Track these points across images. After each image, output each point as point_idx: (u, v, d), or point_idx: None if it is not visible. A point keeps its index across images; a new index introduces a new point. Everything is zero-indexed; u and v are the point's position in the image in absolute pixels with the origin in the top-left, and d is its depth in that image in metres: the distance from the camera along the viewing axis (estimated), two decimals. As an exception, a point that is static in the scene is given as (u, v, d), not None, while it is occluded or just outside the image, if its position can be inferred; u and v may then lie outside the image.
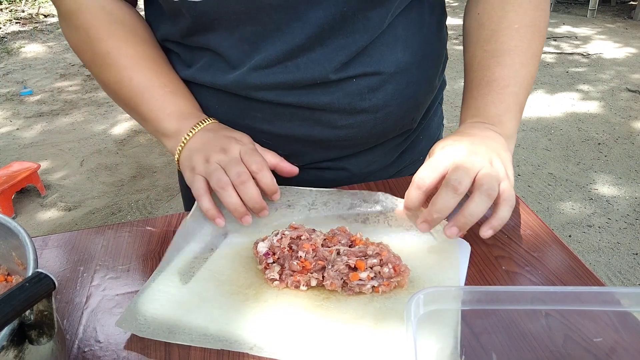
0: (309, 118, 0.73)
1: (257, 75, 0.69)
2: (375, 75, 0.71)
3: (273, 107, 0.72)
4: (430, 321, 0.46)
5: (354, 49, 0.68)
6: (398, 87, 0.72)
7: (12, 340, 0.35)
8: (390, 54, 0.71)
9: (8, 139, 3.58)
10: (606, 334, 0.49)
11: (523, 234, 0.65)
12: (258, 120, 0.74)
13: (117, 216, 2.65)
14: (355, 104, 0.72)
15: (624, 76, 4.18)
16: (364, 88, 0.71)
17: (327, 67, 0.68)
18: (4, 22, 6.83)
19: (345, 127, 0.74)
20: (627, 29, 5.46)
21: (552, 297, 0.46)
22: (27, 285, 0.34)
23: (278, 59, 0.67)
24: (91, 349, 0.52)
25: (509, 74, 0.67)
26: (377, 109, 0.72)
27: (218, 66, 0.72)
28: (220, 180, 0.63)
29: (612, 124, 3.38)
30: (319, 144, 0.76)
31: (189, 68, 0.75)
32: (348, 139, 0.75)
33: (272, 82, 0.69)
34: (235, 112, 0.74)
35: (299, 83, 0.69)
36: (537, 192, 2.66)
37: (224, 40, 0.69)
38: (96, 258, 0.66)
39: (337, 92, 0.70)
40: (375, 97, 0.72)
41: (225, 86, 0.72)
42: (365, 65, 0.70)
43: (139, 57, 0.72)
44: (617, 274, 2.10)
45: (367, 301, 0.55)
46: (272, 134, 0.75)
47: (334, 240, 0.60)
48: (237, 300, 0.55)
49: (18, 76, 4.90)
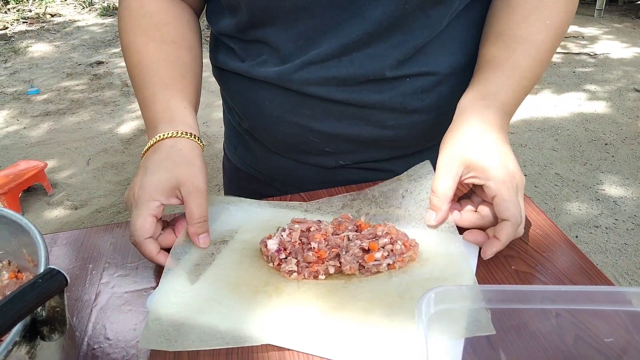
0: (358, 116, 0.72)
1: (310, 69, 0.68)
2: (430, 76, 0.70)
3: (323, 103, 0.71)
4: (441, 320, 0.46)
5: (411, 47, 0.67)
6: (452, 89, 0.71)
7: (24, 336, 0.35)
8: (446, 55, 0.70)
9: (15, 138, 3.60)
10: (617, 334, 0.48)
11: (532, 234, 0.64)
12: (307, 117, 0.73)
13: (123, 215, 2.66)
14: (407, 103, 0.71)
15: (632, 76, 4.15)
16: (418, 88, 0.70)
17: (382, 64, 0.67)
18: (11, 21, 6.86)
19: (395, 127, 0.73)
20: (635, 29, 5.42)
21: (563, 297, 0.46)
22: (40, 282, 0.34)
23: (333, 54, 0.67)
24: (100, 346, 0.52)
25: (531, 67, 0.66)
26: (429, 111, 0.70)
27: (272, 60, 0.71)
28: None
29: (619, 124, 3.36)
30: (367, 144, 0.76)
31: (243, 62, 0.74)
32: (397, 139, 0.74)
33: (325, 76, 0.68)
34: (286, 108, 0.73)
35: (352, 79, 0.68)
36: (544, 192, 2.64)
37: (281, 35, 0.68)
38: (105, 256, 0.66)
39: (390, 90, 0.69)
40: (428, 98, 0.71)
41: (277, 80, 0.70)
42: (420, 65, 0.69)
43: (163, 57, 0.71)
44: (624, 275, 2.08)
45: (386, 278, 0.57)
46: (320, 132, 0.74)
47: (342, 227, 0.61)
48: (262, 299, 0.55)
49: (25, 75, 4.92)
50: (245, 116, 0.79)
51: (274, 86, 0.72)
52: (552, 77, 4.24)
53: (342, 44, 0.66)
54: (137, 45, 0.71)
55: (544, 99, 3.81)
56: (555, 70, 4.37)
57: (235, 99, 0.80)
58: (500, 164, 0.58)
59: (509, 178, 0.58)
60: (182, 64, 0.71)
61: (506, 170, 0.58)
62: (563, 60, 4.61)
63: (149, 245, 0.59)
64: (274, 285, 0.57)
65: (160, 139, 0.63)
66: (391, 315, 0.51)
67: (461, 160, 0.60)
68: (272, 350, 0.50)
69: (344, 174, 0.70)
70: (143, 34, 0.71)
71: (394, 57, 0.67)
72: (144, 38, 0.71)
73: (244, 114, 0.79)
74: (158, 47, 0.70)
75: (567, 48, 4.91)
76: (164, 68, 0.70)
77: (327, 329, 0.50)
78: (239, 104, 0.79)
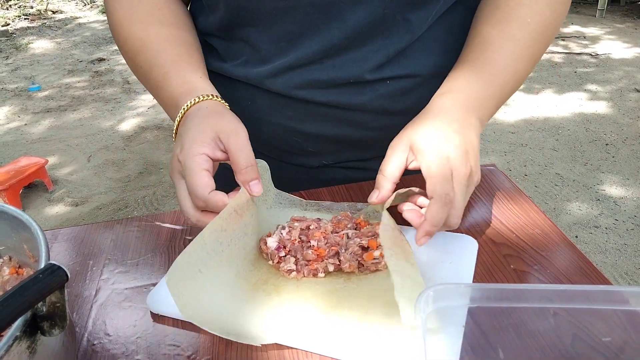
0: (341, 118, 0.72)
1: (292, 73, 0.69)
2: (410, 78, 0.70)
3: (306, 105, 0.71)
4: (440, 317, 0.46)
5: (392, 51, 0.67)
6: (432, 91, 0.71)
7: (25, 331, 0.35)
8: (427, 57, 0.70)
9: (16, 134, 3.60)
10: (615, 333, 0.48)
11: (531, 233, 0.65)
12: (289, 119, 0.73)
13: (123, 212, 2.66)
14: (388, 105, 0.71)
15: (633, 76, 4.15)
16: (398, 90, 0.71)
17: (363, 67, 0.67)
18: (13, 18, 6.86)
19: (377, 128, 0.74)
20: (637, 29, 5.41)
21: (561, 296, 0.46)
22: (41, 277, 0.34)
23: (315, 57, 0.67)
24: (100, 342, 0.52)
25: (506, 62, 0.66)
26: (410, 112, 0.70)
27: (254, 61, 0.71)
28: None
29: (620, 125, 3.36)
30: (350, 144, 0.76)
31: (224, 62, 0.75)
32: (379, 140, 0.74)
33: (307, 79, 0.68)
34: (268, 110, 0.74)
35: (333, 82, 0.68)
36: (544, 192, 2.64)
37: (261, 35, 0.68)
38: (105, 252, 0.66)
39: (371, 93, 0.70)
40: (409, 100, 0.72)
41: (259, 82, 0.71)
42: (401, 68, 0.69)
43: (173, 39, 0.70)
44: (623, 275, 2.09)
45: (385, 276, 0.57)
46: (303, 133, 0.74)
47: (341, 226, 0.61)
48: (261, 297, 0.55)
49: (26, 72, 4.92)
50: None
51: (255, 87, 0.72)
52: (554, 77, 4.23)
53: (323, 48, 0.66)
54: (137, 32, 0.69)
55: (545, 99, 3.81)
56: (556, 70, 4.37)
57: None
58: (436, 147, 0.57)
59: (440, 160, 0.56)
60: (185, 43, 0.70)
61: (440, 153, 0.57)
62: (564, 60, 4.61)
63: (216, 196, 0.55)
64: (274, 283, 0.57)
65: (186, 110, 0.62)
66: (390, 313, 0.51)
67: (407, 142, 0.60)
68: (271, 348, 0.50)
69: (328, 173, 0.70)
70: (140, 21, 0.70)
71: (374, 61, 0.67)
72: (142, 25, 0.70)
73: None
74: (158, 30, 0.69)
75: (569, 48, 4.91)
76: (169, 47, 0.68)
77: (326, 327, 0.50)
78: None
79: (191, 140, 0.57)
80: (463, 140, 0.58)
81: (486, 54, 0.66)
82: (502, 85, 0.66)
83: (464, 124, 0.60)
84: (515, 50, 0.66)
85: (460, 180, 0.56)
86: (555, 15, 0.68)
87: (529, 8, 0.67)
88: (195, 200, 0.56)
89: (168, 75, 0.66)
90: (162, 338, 0.52)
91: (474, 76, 0.65)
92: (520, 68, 0.67)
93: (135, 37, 0.70)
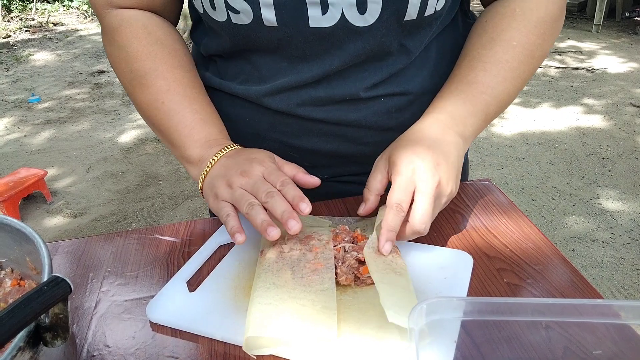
0: (337, 134, 0.74)
1: (290, 92, 0.71)
2: (403, 95, 0.73)
3: (302, 121, 0.73)
4: (433, 331, 0.47)
5: (386, 73, 0.70)
6: (424, 108, 0.74)
7: (28, 342, 0.36)
8: (419, 76, 0.73)
9: (16, 146, 3.62)
10: (605, 346, 0.49)
11: (525, 247, 0.66)
12: (286, 134, 0.75)
13: (122, 224, 2.67)
14: (382, 122, 0.73)
15: (629, 91, 4.19)
16: (392, 107, 0.73)
17: (358, 86, 0.70)
18: (14, 30, 6.91)
19: (372, 144, 0.76)
20: (632, 45, 5.47)
21: (552, 309, 0.47)
22: (45, 289, 0.35)
23: (313, 79, 0.70)
24: (100, 353, 0.53)
25: (490, 83, 0.68)
26: (403, 128, 0.73)
27: (253, 80, 0.73)
28: (248, 203, 0.60)
29: (616, 139, 3.39)
30: (346, 159, 0.78)
31: (223, 79, 0.77)
32: (374, 155, 0.77)
33: (304, 98, 0.71)
34: (265, 126, 0.76)
35: (330, 99, 0.71)
36: (541, 206, 2.66)
37: (263, 57, 0.71)
38: (105, 264, 0.67)
39: (365, 110, 0.72)
40: (402, 117, 0.74)
41: (257, 99, 0.73)
42: (394, 86, 0.72)
43: (175, 80, 0.72)
44: (620, 289, 2.09)
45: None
46: (300, 148, 0.76)
47: (339, 239, 0.62)
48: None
49: (27, 83, 4.95)
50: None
51: (253, 104, 0.74)
52: (550, 91, 4.27)
53: (321, 71, 0.69)
54: (163, 72, 0.72)
55: (541, 113, 3.83)
56: (553, 85, 4.41)
57: None
58: (405, 160, 0.61)
59: (406, 172, 0.60)
60: (196, 86, 0.75)
61: (407, 166, 0.61)
62: (561, 74, 4.65)
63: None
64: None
65: (216, 161, 0.67)
66: (384, 326, 0.52)
67: (386, 158, 0.65)
68: (267, 359, 0.51)
69: (324, 187, 0.72)
70: (162, 61, 0.72)
71: (370, 81, 0.70)
72: (165, 65, 0.72)
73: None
74: (180, 74, 0.73)
75: (565, 62, 4.96)
76: (184, 106, 0.72)
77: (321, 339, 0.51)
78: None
79: (247, 157, 0.65)
80: (433, 153, 0.61)
81: (471, 75, 0.69)
82: (486, 103, 0.68)
83: (440, 140, 0.64)
84: (500, 71, 0.68)
85: (424, 190, 0.59)
86: (542, 39, 0.70)
87: (517, 31, 0.69)
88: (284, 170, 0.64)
89: (208, 118, 0.72)
90: (160, 350, 0.53)
91: (457, 96, 0.68)
92: (506, 88, 0.69)
93: (162, 76, 0.72)
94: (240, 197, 0.61)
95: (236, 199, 0.61)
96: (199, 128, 0.70)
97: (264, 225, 0.57)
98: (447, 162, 0.62)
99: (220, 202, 0.63)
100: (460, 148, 0.66)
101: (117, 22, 0.72)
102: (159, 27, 0.74)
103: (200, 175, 0.67)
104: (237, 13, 0.64)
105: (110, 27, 0.73)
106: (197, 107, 0.72)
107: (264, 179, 0.62)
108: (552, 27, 0.71)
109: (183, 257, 0.67)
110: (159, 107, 0.71)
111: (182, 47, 0.76)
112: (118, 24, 0.72)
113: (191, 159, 0.70)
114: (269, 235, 0.57)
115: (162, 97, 0.71)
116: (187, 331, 0.55)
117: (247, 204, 0.59)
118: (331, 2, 0.62)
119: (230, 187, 0.62)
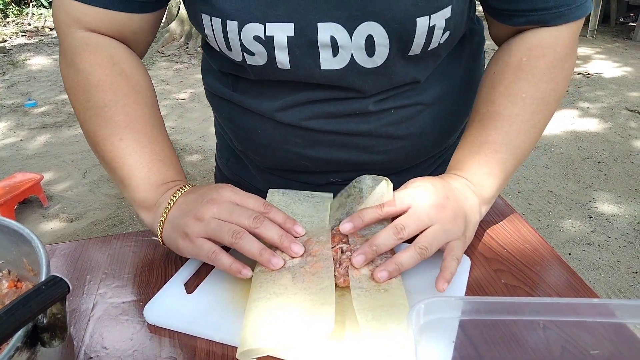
0: (348, 144, 0.74)
1: (301, 107, 0.71)
2: (413, 106, 0.73)
3: (313, 133, 0.73)
4: (431, 330, 0.47)
5: (395, 90, 0.71)
6: (434, 117, 0.74)
7: (25, 342, 0.36)
8: (429, 87, 0.73)
9: (12, 150, 3.60)
10: (602, 346, 0.50)
11: (522, 249, 0.66)
12: (298, 145, 0.75)
13: (118, 228, 2.66)
14: (392, 132, 0.73)
15: (623, 95, 4.21)
16: (402, 118, 0.73)
17: (368, 101, 0.70)
18: (10, 34, 6.90)
19: (383, 152, 0.76)
20: (627, 49, 5.51)
21: (549, 309, 0.47)
22: (43, 288, 0.35)
23: (324, 98, 0.70)
24: (97, 355, 0.53)
25: (503, 140, 0.67)
26: (413, 137, 0.73)
27: (265, 96, 0.73)
28: (231, 231, 0.56)
29: (611, 143, 3.40)
30: (356, 166, 0.78)
31: (234, 92, 0.76)
32: (385, 162, 0.77)
33: (315, 112, 0.71)
34: (277, 138, 0.75)
35: (341, 113, 0.71)
36: (537, 209, 2.66)
37: (276, 83, 0.70)
38: (102, 267, 0.67)
39: (376, 121, 0.72)
40: (412, 126, 0.74)
41: (269, 114, 0.72)
42: (404, 98, 0.72)
43: (136, 117, 0.68)
44: (616, 292, 2.10)
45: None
46: (312, 158, 0.76)
47: (336, 240, 0.62)
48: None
49: (23, 88, 4.94)
50: (237, 140, 0.81)
51: (265, 118, 0.74)
52: (546, 95, 4.28)
53: (333, 94, 0.69)
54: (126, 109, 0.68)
55: (537, 117, 3.84)
56: (548, 89, 4.42)
57: (227, 124, 0.82)
58: (413, 194, 0.61)
59: (425, 209, 0.59)
60: (157, 123, 0.71)
61: (417, 202, 0.60)
62: (556, 79, 4.67)
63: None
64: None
65: (174, 202, 0.64)
66: (382, 328, 0.52)
67: (411, 197, 0.62)
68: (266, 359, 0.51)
69: (334, 190, 0.72)
70: (124, 95, 0.68)
71: (379, 97, 0.70)
72: (129, 102, 0.68)
73: (236, 138, 0.81)
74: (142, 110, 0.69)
75: (561, 67, 4.97)
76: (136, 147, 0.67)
77: (319, 340, 0.51)
78: (231, 129, 0.81)
79: (209, 187, 0.62)
80: (455, 206, 0.61)
81: (483, 135, 0.68)
82: (502, 161, 0.67)
83: (462, 197, 0.63)
84: (512, 126, 0.67)
85: (458, 254, 0.59)
86: (554, 83, 0.68)
87: (525, 82, 0.67)
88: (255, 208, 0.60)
89: (166, 159, 0.69)
90: (158, 352, 0.53)
91: (472, 158, 0.68)
92: (521, 142, 0.68)
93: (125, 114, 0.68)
94: (218, 227, 0.57)
95: (213, 230, 0.57)
96: (156, 170, 0.66)
97: (264, 255, 0.56)
98: (456, 201, 0.62)
99: (194, 240, 0.58)
100: (473, 202, 0.64)
101: (81, 45, 0.67)
102: (125, 59, 0.70)
103: (158, 221, 0.63)
104: (253, 55, 0.64)
105: (72, 48, 0.68)
106: (157, 147, 0.68)
107: (238, 204, 0.60)
108: (563, 69, 0.68)
109: (180, 260, 0.67)
110: (115, 144, 0.66)
111: (147, 82, 0.72)
112: (82, 48, 0.67)
113: (145, 203, 0.66)
114: (273, 266, 0.57)
115: (120, 133, 0.66)
116: (185, 333, 0.54)
117: (232, 232, 0.56)
118: (341, 45, 0.62)
119: (200, 221, 0.58)
